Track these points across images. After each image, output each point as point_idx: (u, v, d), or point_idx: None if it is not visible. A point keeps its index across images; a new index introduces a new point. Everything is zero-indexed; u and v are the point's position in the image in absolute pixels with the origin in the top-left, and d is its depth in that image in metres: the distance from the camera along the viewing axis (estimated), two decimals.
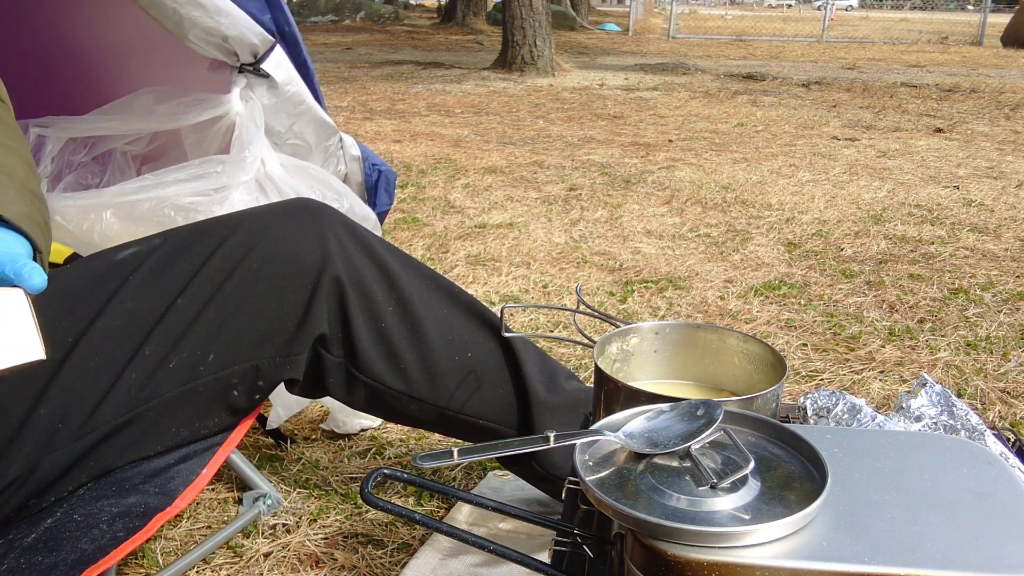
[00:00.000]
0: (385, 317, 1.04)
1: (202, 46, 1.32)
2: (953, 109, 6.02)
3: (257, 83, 1.38)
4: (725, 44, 12.67)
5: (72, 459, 0.91)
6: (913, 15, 19.39)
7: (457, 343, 1.10)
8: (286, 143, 1.47)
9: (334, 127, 1.53)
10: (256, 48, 1.35)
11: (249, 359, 0.98)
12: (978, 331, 2.09)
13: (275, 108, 1.41)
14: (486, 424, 1.14)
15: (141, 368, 0.93)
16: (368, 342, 1.04)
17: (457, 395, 1.11)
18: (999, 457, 0.73)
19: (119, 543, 0.85)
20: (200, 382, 0.96)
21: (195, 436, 0.99)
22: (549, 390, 1.16)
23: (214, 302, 0.96)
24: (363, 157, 1.60)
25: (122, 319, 0.93)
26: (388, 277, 1.05)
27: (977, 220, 3.10)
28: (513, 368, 1.14)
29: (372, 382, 1.06)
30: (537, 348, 1.20)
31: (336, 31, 14.96)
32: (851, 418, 1.01)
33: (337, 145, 1.56)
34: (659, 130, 5.17)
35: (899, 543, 0.60)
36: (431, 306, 1.09)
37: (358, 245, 1.04)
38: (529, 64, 8.22)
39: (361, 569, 1.23)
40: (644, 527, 0.60)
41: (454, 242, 2.82)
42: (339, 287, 1.01)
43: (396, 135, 4.93)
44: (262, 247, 0.99)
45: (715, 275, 2.50)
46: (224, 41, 1.32)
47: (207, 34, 1.30)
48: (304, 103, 1.45)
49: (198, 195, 1.28)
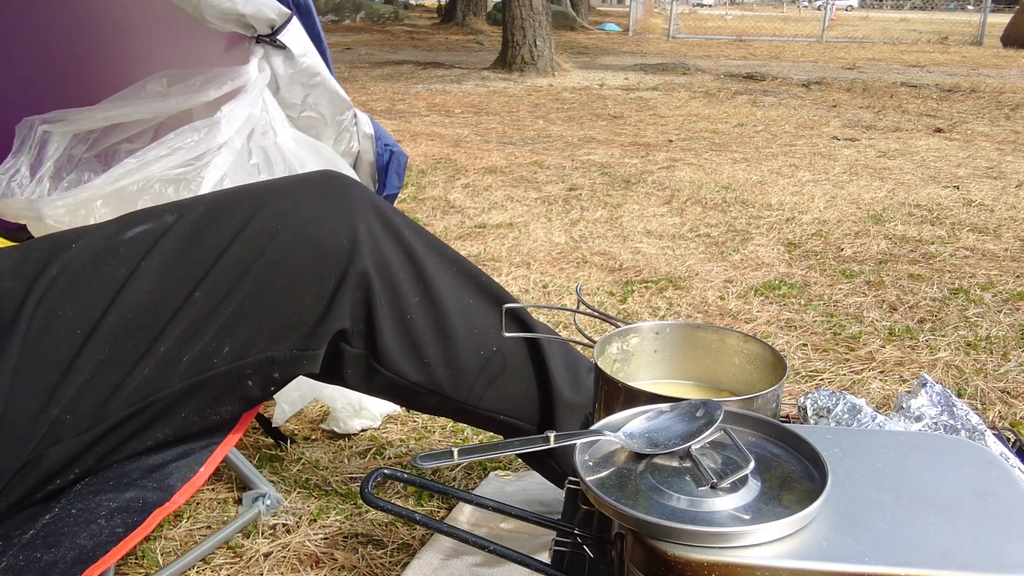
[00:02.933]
0: (410, 308, 1.00)
1: (220, 24, 1.34)
2: (953, 109, 6.02)
3: (274, 53, 1.39)
4: (725, 44, 12.67)
5: (79, 449, 0.89)
6: (913, 15, 19.40)
7: (482, 336, 1.06)
8: (301, 115, 1.48)
9: (348, 101, 1.52)
10: (273, 21, 1.36)
11: (266, 352, 0.94)
12: (978, 331, 2.09)
13: (290, 80, 1.42)
14: (507, 420, 1.11)
15: (153, 362, 0.90)
16: (391, 335, 0.99)
17: (479, 390, 1.07)
18: (999, 457, 0.73)
19: (118, 539, 0.85)
20: (214, 373, 0.93)
21: (205, 423, 0.97)
22: (573, 388, 1.12)
23: (233, 295, 0.91)
24: (376, 136, 1.60)
25: (135, 313, 0.89)
26: (415, 266, 1.01)
27: (977, 220, 3.10)
28: (538, 364, 1.11)
29: (394, 376, 1.02)
30: (561, 341, 1.16)
31: (336, 31, 14.95)
32: (851, 418, 1.01)
33: (351, 120, 1.55)
34: (659, 130, 5.17)
35: (899, 543, 0.60)
36: (457, 296, 1.05)
37: (387, 231, 0.99)
38: (529, 64, 8.23)
39: (361, 569, 1.23)
40: (644, 527, 0.60)
41: (454, 242, 2.82)
42: (366, 281, 0.96)
43: (396, 135, 4.93)
44: (285, 233, 0.93)
45: (715, 275, 2.50)
46: (242, 18, 1.34)
47: (224, 14, 1.31)
48: (319, 75, 1.45)
49: (182, 166, 1.27)
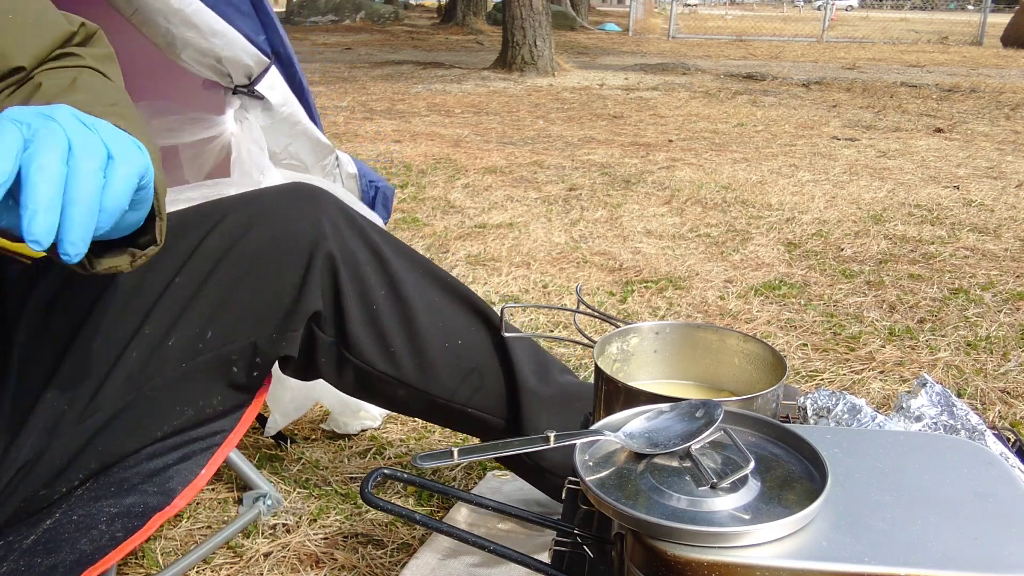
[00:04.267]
0: (377, 300, 1.05)
1: (195, 67, 1.30)
2: (953, 109, 6.03)
3: (251, 104, 1.37)
4: (725, 44, 12.67)
5: (79, 443, 0.91)
6: (913, 15, 19.40)
7: (449, 331, 1.10)
8: (281, 163, 1.47)
9: (330, 147, 1.52)
10: (251, 69, 1.33)
11: (247, 336, 0.99)
12: (978, 331, 2.09)
13: (270, 129, 1.40)
14: (475, 413, 1.13)
15: (141, 347, 0.94)
16: (359, 324, 1.04)
17: (446, 383, 1.10)
18: (999, 457, 0.73)
19: (118, 543, 0.86)
20: (200, 360, 0.97)
21: (200, 416, 1.00)
22: (541, 381, 1.15)
23: (212, 280, 0.97)
24: (360, 174, 1.60)
25: (122, 299, 0.94)
26: (381, 261, 1.06)
27: (977, 220, 3.10)
28: (504, 358, 1.13)
29: (362, 364, 1.06)
30: (530, 340, 1.18)
31: (336, 31, 14.96)
32: (851, 418, 1.01)
33: (333, 164, 1.55)
34: (659, 130, 5.17)
35: (899, 543, 0.60)
36: (424, 293, 1.09)
37: (352, 228, 1.05)
38: (529, 64, 8.23)
39: (361, 569, 1.23)
40: (644, 527, 0.60)
41: (454, 242, 2.82)
42: (332, 264, 1.01)
43: (396, 135, 4.93)
44: (259, 226, 0.99)
45: (715, 275, 2.50)
46: (218, 62, 1.30)
47: (200, 55, 1.28)
48: (300, 124, 1.44)
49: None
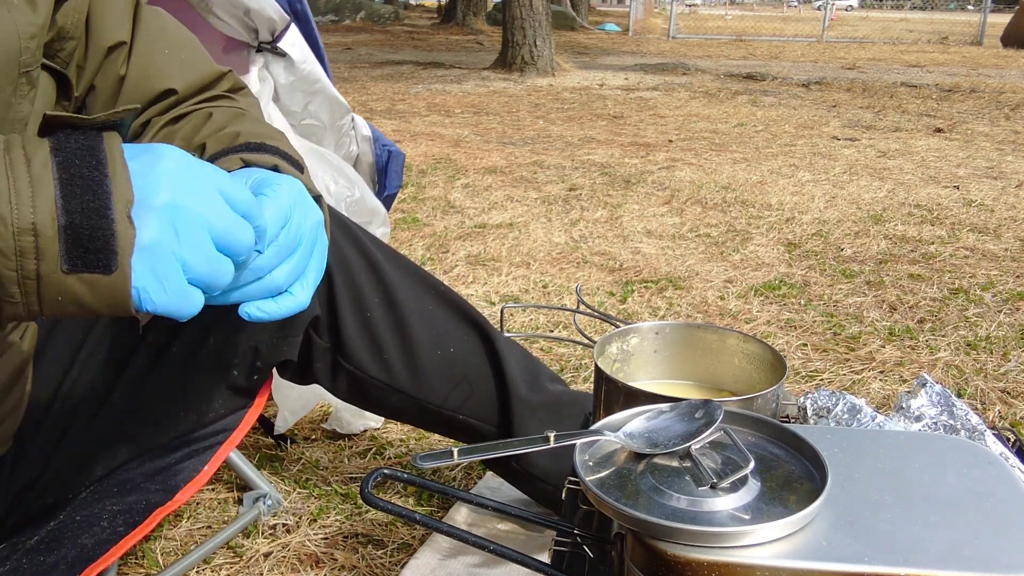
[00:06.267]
0: (371, 307, 1.06)
1: (226, 19, 1.33)
2: (953, 109, 6.02)
3: (274, 61, 1.39)
4: (725, 44, 12.67)
5: (85, 452, 0.92)
6: (913, 15, 19.40)
7: (441, 339, 1.11)
8: (301, 123, 1.48)
9: (347, 106, 1.53)
10: (274, 24, 1.36)
11: (248, 340, 1.00)
12: (978, 331, 2.09)
13: (291, 87, 1.42)
14: (466, 420, 1.15)
15: (144, 356, 0.96)
16: (353, 330, 1.05)
17: (438, 389, 1.12)
18: (999, 457, 0.73)
19: (119, 538, 0.86)
20: (201, 365, 0.99)
21: (202, 420, 1.01)
22: (531, 388, 1.17)
23: None
24: (374, 138, 1.61)
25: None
26: (375, 270, 1.07)
27: (977, 220, 3.10)
28: (495, 366, 1.15)
29: (355, 370, 1.08)
30: (521, 348, 1.21)
31: (336, 31, 14.96)
32: (851, 418, 1.01)
33: (349, 125, 1.56)
34: (659, 130, 5.17)
35: (899, 543, 0.60)
36: (417, 301, 1.10)
37: (346, 237, 1.06)
38: (529, 64, 8.23)
39: (361, 569, 1.23)
40: (644, 527, 0.60)
41: (454, 242, 2.82)
42: (327, 270, 1.02)
43: (396, 135, 4.93)
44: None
45: (715, 275, 2.50)
46: (246, 15, 1.33)
47: (232, 6, 1.31)
48: (319, 81, 1.46)
49: None
